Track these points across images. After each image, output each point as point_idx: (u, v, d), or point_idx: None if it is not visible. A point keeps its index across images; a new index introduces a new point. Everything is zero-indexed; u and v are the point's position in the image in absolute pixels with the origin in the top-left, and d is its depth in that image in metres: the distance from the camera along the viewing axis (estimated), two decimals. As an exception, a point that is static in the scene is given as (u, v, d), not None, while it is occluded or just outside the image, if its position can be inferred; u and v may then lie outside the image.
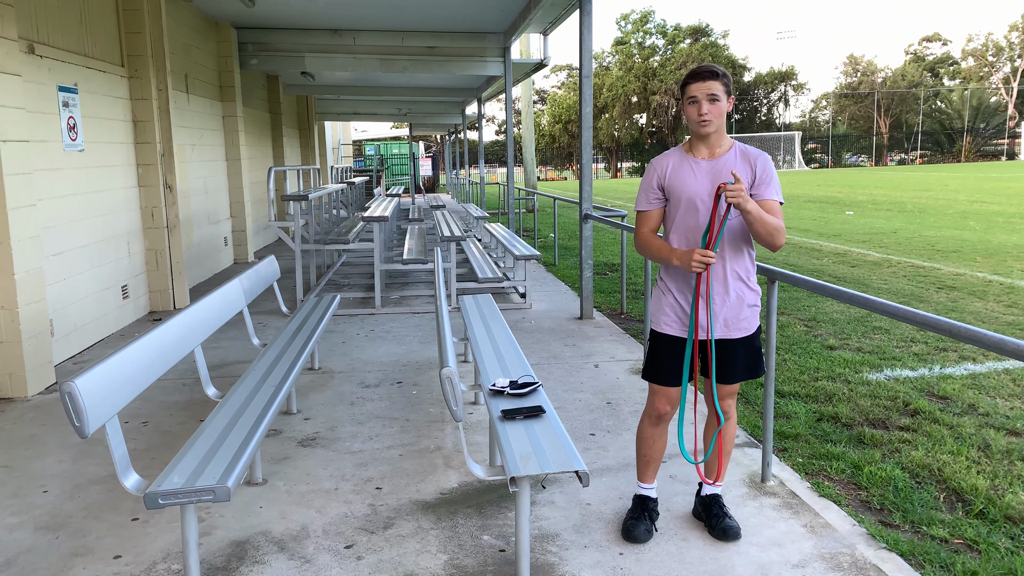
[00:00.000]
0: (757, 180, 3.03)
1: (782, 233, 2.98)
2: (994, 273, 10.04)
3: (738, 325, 3.13)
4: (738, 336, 3.14)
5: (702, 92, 2.96)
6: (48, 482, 3.96)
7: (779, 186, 3.08)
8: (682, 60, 63.97)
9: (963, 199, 22.78)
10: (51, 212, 6.14)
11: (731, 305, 3.10)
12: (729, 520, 3.28)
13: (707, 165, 3.05)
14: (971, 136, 65.69)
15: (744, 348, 3.17)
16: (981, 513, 3.57)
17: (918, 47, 74.40)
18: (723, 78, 2.98)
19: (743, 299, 3.12)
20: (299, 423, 4.77)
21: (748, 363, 3.20)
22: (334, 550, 3.22)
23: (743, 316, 3.13)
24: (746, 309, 3.13)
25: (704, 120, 2.98)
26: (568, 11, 10.87)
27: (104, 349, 6.63)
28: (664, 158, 3.18)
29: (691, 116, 3.01)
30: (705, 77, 2.96)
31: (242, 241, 12.31)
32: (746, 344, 3.17)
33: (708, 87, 2.95)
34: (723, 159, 3.04)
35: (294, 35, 12.31)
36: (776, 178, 3.07)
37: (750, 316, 3.15)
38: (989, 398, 5.18)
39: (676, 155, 3.15)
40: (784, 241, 3.01)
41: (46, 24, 6.22)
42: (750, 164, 3.04)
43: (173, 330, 3.55)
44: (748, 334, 3.16)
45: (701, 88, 2.96)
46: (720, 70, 3.00)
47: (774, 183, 3.05)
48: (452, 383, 2.81)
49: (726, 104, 3.00)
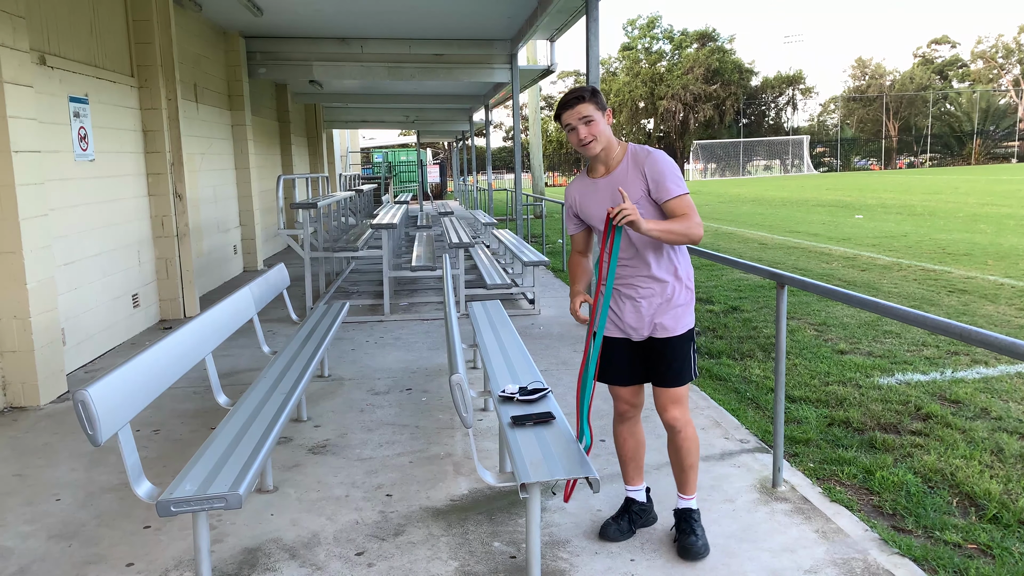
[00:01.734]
0: (651, 185, 2.98)
1: (694, 229, 2.92)
2: (1006, 276, 9.99)
3: (666, 325, 3.09)
4: (663, 336, 3.09)
5: (575, 118, 2.98)
6: (61, 490, 3.99)
7: (678, 178, 2.99)
8: (689, 65, 64.00)
9: (973, 202, 22.67)
10: (62, 222, 6.18)
11: (659, 306, 3.08)
12: (692, 538, 3.15)
13: (604, 183, 3.08)
14: (981, 139, 65.40)
15: (672, 349, 3.10)
16: (995, 518, 3.55)
17: (927, 50, 74.20)
18: (592, 98, 2.99)
19: (671, 299, 3.08)
20: (309, 430, 4.78)
21: (680, 364, 3.12)
22: (345, 557, 3.22)
23: (669, 315, 3.09)
24: (673, 309, 3.09)
25: (585, 144, 3.00)
26: (575, 18, 10.91)
27: (115, 358, 6.67)
28: (572, 186, 3.24)
29: (574, 143, 3.04)
30: (573, 104, 2.98)
31: (251, 249, 12.37)
32: (676, 345, 3.10)
33: (579, 112, 2.97)
34: (618, 171, 3.05)
35: (302, 44, 12.39)
36: (670, 171, 2.98)
37: (676, 316, 3.09)
38: (1002, 402, 5.14)
39: (580, 180, 3.20)
40: (701, 233, 2.95)
41: (57, 35, 6.28)
42: (640, 169, 3.00)
43: (184, 338, 3.57)
44: (676, 335, 3.09)
45: (573, 115, 2.98)
46: (587, 91, 3.00)
47: (669, 179, 2.97)
48: (462, 389, 2.81)
49: (603, 119, 3.01)
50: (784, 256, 12.72)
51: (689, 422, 3.19)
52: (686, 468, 3.23)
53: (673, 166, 3.01)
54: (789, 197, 29.02)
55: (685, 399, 3.17)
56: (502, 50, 12.98)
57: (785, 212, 22.13)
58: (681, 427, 3.17)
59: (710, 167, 63.07)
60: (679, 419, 3.16)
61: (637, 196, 2.99)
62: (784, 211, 22.50)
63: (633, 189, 3.00)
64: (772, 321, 7.80)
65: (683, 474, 3.24)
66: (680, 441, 3.19)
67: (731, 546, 3.24)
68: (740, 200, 28.89)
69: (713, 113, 64.60)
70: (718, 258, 4.51)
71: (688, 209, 2.95)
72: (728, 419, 4.84)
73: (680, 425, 3.16)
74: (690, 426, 3.19)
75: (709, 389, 5.56)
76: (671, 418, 3.15)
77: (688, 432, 3.18)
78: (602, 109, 3.02)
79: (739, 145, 63.50)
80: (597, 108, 2.99)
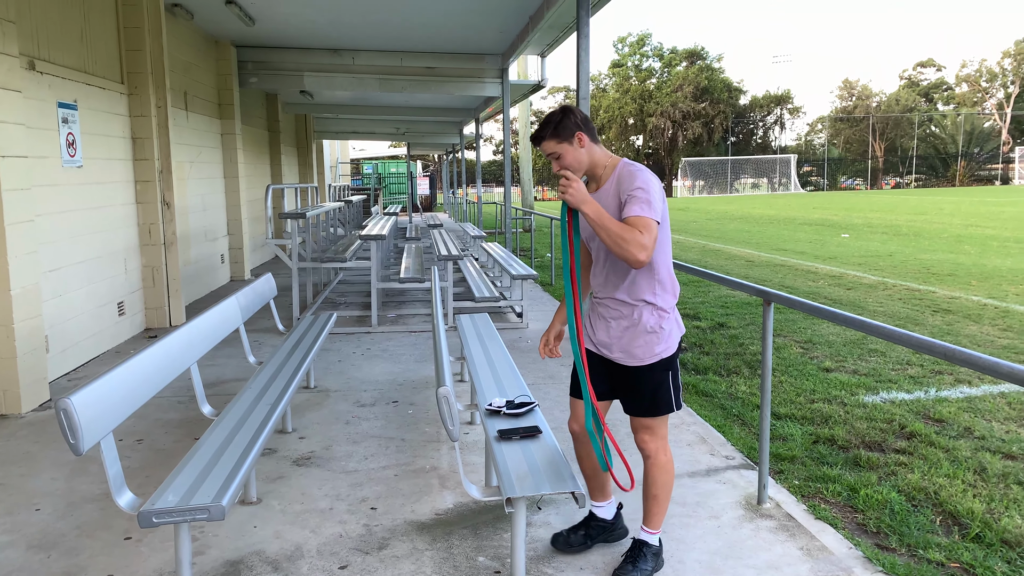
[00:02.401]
0: (623, 199, 2.85)
1: (631, 244, 2.68)
2: (989, 297, 10.08)
3: (633, 352, 2.98)
4: (634, 364, 2.98)
5: (546, 153, 2.95)
6: (41, 500, 3.94)
7: (645, 202, 2.78)
8: (678, 83, 64.50)
9: (958, 223, 22.90)
10: (49, 228, 6.14)
11: (626, 330, 2.98)
12: (627, 569, 3.04)
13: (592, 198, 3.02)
14: (965, 161, 66.15)
15: (640, 379, 3.00)
16: (977, 537, 3.57)
17: (912, 72, 75.11)
18: (553, 133, 2.88)
19: (641, 325, 2.96)
20: (294, 442, 4.75)
21: (651, 395, 3.00)
22: (328, 571, 3.20)
23: (638, 344, 2.97)
24: (642, 336, 2.96)
25: (561, 174, 2.93)
26: (566, 34, 10.98)
27: (99, 366, 6.61)
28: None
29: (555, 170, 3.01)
30: (538, 142, 2.93)
31: (239, 259, 12.31)
32: (646, 374, 2.99)
33: (544, 150, 2.93)
34: (603, 189, 2.96)
35: (294, 54, 12.40)
36: (644, 194, 2.79)
37: (646, 344, 2.96)
38: (985, 421, 5.18)
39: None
40: (642, 258, 2.70)
41: (47, 41, 6.26)
42: (618, 187, 2.89)
43: (169, 347, 3.54)
44: (644, 364, 2.97)
45: (544, 150, 2.95)
46: (549, 126, 2.89)
47: (634, 197, 2.79)
48: (448, 402, 2.80)
49: (573, 148, 2.90)
50: (771, 274, 12.79)
51: (662, 449, 3.06)
52: (651, 496, 3.10)
53: (648, 188, 2.81)
54: (776, 215, 29.23)
55: (658, 427, 3.05)
56: (493, 64, 13.04)
57: (772, 230, 22.28)
58: (651, 452, 3.05)
59: (698, 184, 63.45)
60: (648, 444, 3.05)
61: (613, 212, 2.88)
62: (771, 229, 22.65)
63: (611, 206, 2.89)
64: (758, 338, 7.83)
65: (647, 502, 3.12)
66: (649, 467, 3.08)
67: (716, 563, 3.24)
68: (727, 217, 29.07)
69: (701, 131, 65.05)
70: (705, 274, 4.53)
71: (643, 228, 2.73)
72: (714, 435, 4.84)
73: (650, 450, 3.05)
74: (663, 453, 3.06)
75: (695, 405, 5.57)
76: (640, 441, 3.07)
77: (659, 459, 3.06)
78: (567, 139, 2.89)
79: (727, 163, 63.95)
80: (560, 141, 2.89)
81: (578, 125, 2.91)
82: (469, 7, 9.63)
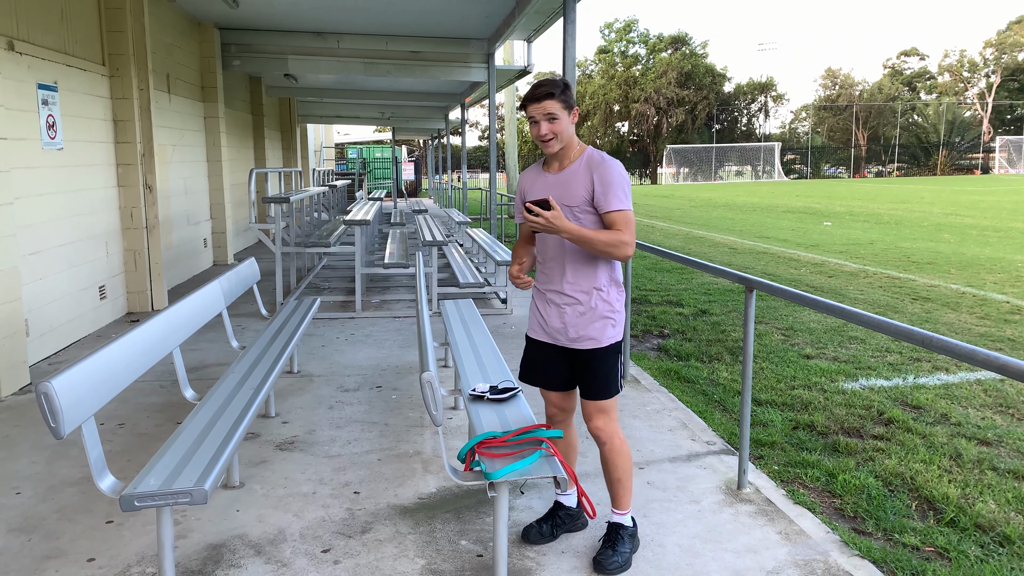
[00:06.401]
0: (596, 191, 2.93)
1: (620, 247, 2.87)
2: (967, 285, 10.20)
3: (590, 335, 3.04)
4: (587, 347, 3.06)
5: (539, 113, 2.93)
6: (21, 483, 3.92)
7: (623, 193, 2.93)
8: (663, 69, 64.38)
9: (938, 212, 23.11)
10: (28, 211, 6.07)
11: (582, 315, 3.04)
12: (608, 553, 3.08)
13: (553, 179, 3.04)
14: (947, 150, 66.61)
15: (597, 361, 3.07)
16: (952, 521, 3.63)
17: (896, 61, 75.39)
18: (561, 95, 2.92)
19: (595, 310, 3.03)
20: (277, 426, 4.75)
21: (604, 378, 3.07)
22: (311, 554, 3.21)
23: (594, 327, 3.04)
24: (598, 320, 3.04)
25: (545, 140, 2.96)
26: (552, 19, 10.92)
27: (80, 350, 6.56)
28: (526, 174, 3.21)
29: (534, 135, 2.98)
30: (540, 98, 2.91)
31: (222, 243, 12.23)
32: (600, 357, 3.06)
33: (543, 107, 2.92)
34: (569, 170, 3.00)
35: (278, 37, 12.27)
36: (618, 185, 2.92)
37: (601, 328, 3.04)
38: (961, 408, 5.26)
39: (534, 170, 3.17)
40: (629, 253, 2.89)
41: (26, 21, 6.17)
42: (591, 172, 2.95)
43: (151, 331, 3.52)
44: (600, 346, 3.05)
45: (538, 109, 2.93)
46: (558, 87, 2.93)
47: (615, 191, 2.91)
48: (432, 387, 2.81)
49: (568, 118, 2.96)
50: (753, 261, 12.87)
51: (616, 433, 3.13)
52: (614, 480, 3.16)
53: (624, 179, 2.95)
54: (759, 203, 29.36)
55: (611, 410, 3.12)
56: (479, 49, 12.97)
57: (755, 218, 22.39)
58: (607, 438, 3.12)
59: (682, 171, 63.54)
60: (604, 430, 3.11)
61: (580, 199, 2.94)
62: (754, 217, 22.76)
63: (578, 189, 2.95)
64: (740, 325, 7.89)
65: (612, 486, 3.19)
66: (607, 453, 3.14)
67: (696, 546, 3.28)
68: (711, 205, 29.17)
69: (686, 118, 65.08)
70: (688, 261, 4.56)
71: (624, 225, 2.89)
72: (695, 421, 4.89)
73: (606, 436, 3.11)
74: (617, 437, 3.13)
75: (677, 391, 5.61)
76: (596, 428, 3.11)
77: (615, 444, 3.12)
78: (569, 107, 2.96)
79: (711, 150, 64.05)
80: (564, 107, 2.94)
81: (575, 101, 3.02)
82: (455, -9, 9.56)
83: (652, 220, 22.42)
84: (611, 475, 3.17)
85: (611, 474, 3.17)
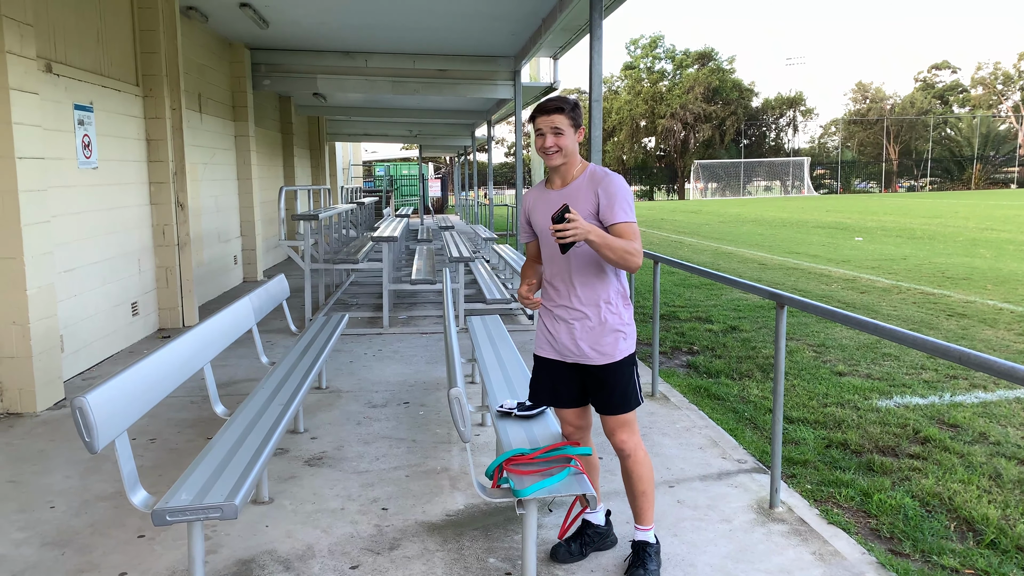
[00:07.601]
0: (602, 205, 2.96)
1: (635, 255, 2.89)
2: (1005, 301, 10.00)
3: (602, 350, 3.03)
4: (602, 362, 3.04)
5: (546, 126, 2.98)
6: (55, 498, 3.97)
7: (628, 205, 2.97)
8: (689, 84, 64.32)
9: (973, 226, 22.73)
10: (64, 229, 6.19)
11: (591, 330, 3.04)
12: (639, 573, 3.06)
13: (556, 196, 3.07)
14: (981, 164, 65.62)
15: (612, 375, 3.05)
16: (992, 543, 3.54)
17: (927, 75, 74.56)
18: (570, 112, 2.97)
19: (605, 324, 3.03)
20: (306, 442, 4.77)
21: (621, 392, 3.06)
22: (339, 570, 3.21)
23: (606, 342, 3.03)
24: (609, 334, 3.04)
25: (548, 152, 3.00)
26: (578, 36, 10.97)
27: (113, 366, 6.65)
28: (529, 193, 3.23)
29: (537, 147, 3.03)
30: (550, 111, 2.97)
31: (252, 260, 12.37)
32: (615, 371, 3.05)
33: (551, 121, 2.96)
34: (572, 186, 3.04)
35: (307, 57, 12.45)
36: (623, 198, 2.96)
37: (613, 342, 3.04)
38: (1000, 427, 5.14)
39: (537, 189, 3.20)
40: (640, 263, 2.91)
41: (64, 43, 6.32)
42: (595, 188, 2.99)
43: (182, 347, 3.56)
44: (614, 360, 3.04)
45: (546, 122, 2.98)
46: (568, 104, 2.98)
47: (620, 204, 2.94)
48: (460, 404, 2.81)
49: (574, 135, 3.01)
50: (783, 277, 12.74)
51: (639, 446, 3.11)
52: (638, 495, 3.14)
53: (627, 192, 2.99)
54: (789, 218, 29.10)
55: (633, 423, 3.10)
56: (506, 67, 13.05)
57: (785, 233, 22.19)
58: (630, 451, 3.10)
59: (711, 187, 63.26)
60: (627, 443, 3.09)
61: (586, 213, 2.97)
62: (784, 232, 22.55)
63: (584, 205, 2.98)
64: (771, 341, 7.80)
65: (635, 501, 3.16)
66: (630, 466, 3.12)
67: (727, 566, 3.23)
68: (740, 220, 28.96)
69: (713, 133, 64.87)
70: (718, 277, 4.52)
71: (632, 235, 2.92)
72: (726, 439, 4.83)
73: (629, 449, 3.09)
74: (640, 450, 3.12)
75: (707, 408, 5.55)
76: (619, 442, 3.09)
77: (638, 456, 3.11)
78: (576, 125, 3.01)
79: (739, 165, 63.72)
80: (571, 123, 2.99)
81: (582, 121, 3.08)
82: (481, 10, 9.64)
83: (680, 236, 22.31)
84: (635, 488, 3.14)
85: (635, 487, 3.14)
